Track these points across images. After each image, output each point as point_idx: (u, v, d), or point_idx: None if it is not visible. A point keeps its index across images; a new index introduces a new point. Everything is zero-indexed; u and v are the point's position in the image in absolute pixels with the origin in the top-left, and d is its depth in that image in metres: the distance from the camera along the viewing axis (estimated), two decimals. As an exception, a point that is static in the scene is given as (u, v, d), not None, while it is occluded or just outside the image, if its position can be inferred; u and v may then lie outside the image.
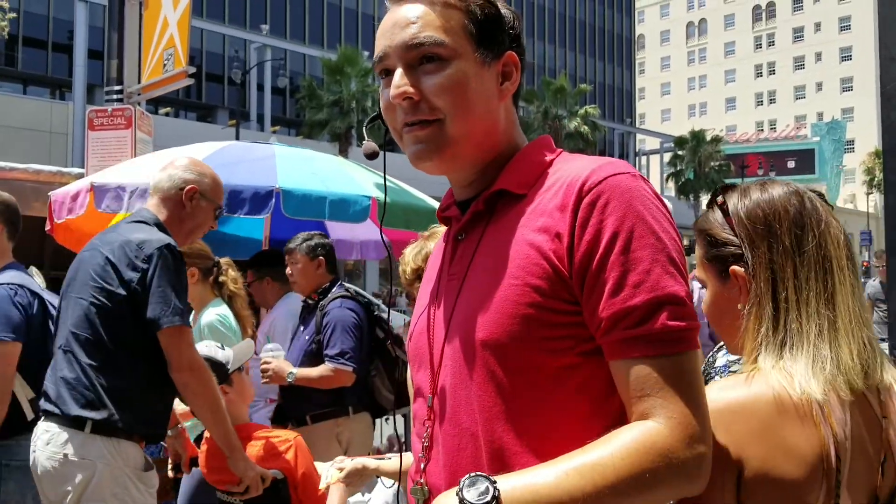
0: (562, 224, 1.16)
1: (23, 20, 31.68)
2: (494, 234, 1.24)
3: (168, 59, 6.23)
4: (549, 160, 1.29)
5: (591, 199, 1.15)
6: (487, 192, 1.27)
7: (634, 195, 1.15)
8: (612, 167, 1.18)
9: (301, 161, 5.15)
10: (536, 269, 1.16)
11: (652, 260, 1.12)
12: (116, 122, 6.26)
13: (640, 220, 1.13)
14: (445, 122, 1.23)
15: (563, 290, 1.15)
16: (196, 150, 5.17)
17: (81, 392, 2.56)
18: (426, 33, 1.22)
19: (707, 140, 48.18)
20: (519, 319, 1.15)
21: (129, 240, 2.63)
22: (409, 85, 1.23)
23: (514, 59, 1.31)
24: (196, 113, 39.55)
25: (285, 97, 40.64)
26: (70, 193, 4.86)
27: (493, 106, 1.28)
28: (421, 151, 1.25)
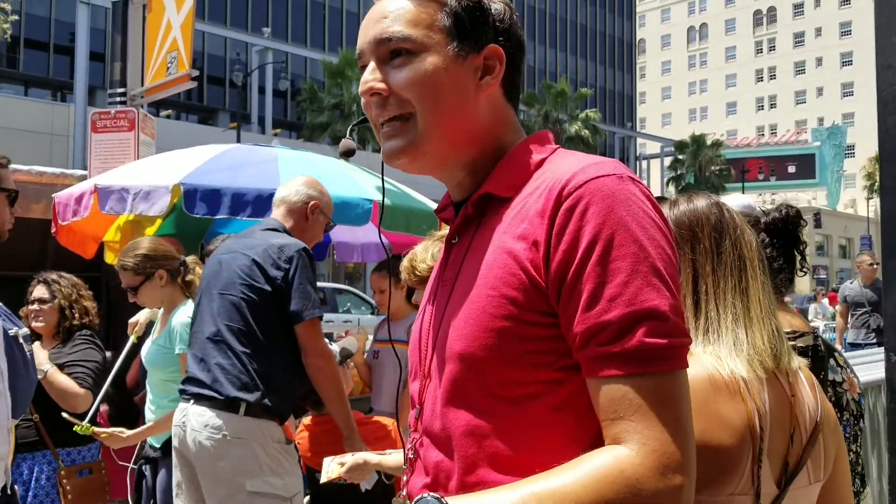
0: (540, 231, 1.09)
1: (24, 22, 31.76)
2: (482, 241, 1.18)
3: (171, 61, 6.24)
4: (541, 159, 1.21)
5: (570, 205, 1.07)
6: (476, 195, 1.22)
7: (618, 199, 1.06)
8: (597, 168, 1.10)
9: (303, 164, 5.16)
10: (513, 279, 1.09)
11: (631, 271, 1.03)
12: (119, 124, 6.28)
13: (621, 226, 1.04)
14: (416, 118, 1.19)
15: (541, 301, 1.08)
16: (200, 152, 5.19)
17: (237, 377, 2.89)
18: (395, 28, 1.19)
19: (708, 144, 48.24)
20: (495, 332, 1.09)
21: (272, 244, 3.02)
22: (379, 80, 1.20)
23: (498, 53, 1.23)
24: (197, 115, 39.60)
25: (286, 100, 40.69)
26: (74, 195, 4.87)
27: (469, 101, 1.22)
28: (392, 149, 1.21)
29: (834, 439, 1.60)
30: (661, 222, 1.09)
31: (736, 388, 1.44)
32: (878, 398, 3.52)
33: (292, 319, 2.96)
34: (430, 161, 1.23)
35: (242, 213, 4.56)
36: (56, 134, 27.99)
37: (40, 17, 35.68)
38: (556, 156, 1.22)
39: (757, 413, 1.45)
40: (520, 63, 1.28)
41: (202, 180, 4.59)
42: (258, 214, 4.60)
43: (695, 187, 47.54)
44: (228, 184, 4.58)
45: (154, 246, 3.66)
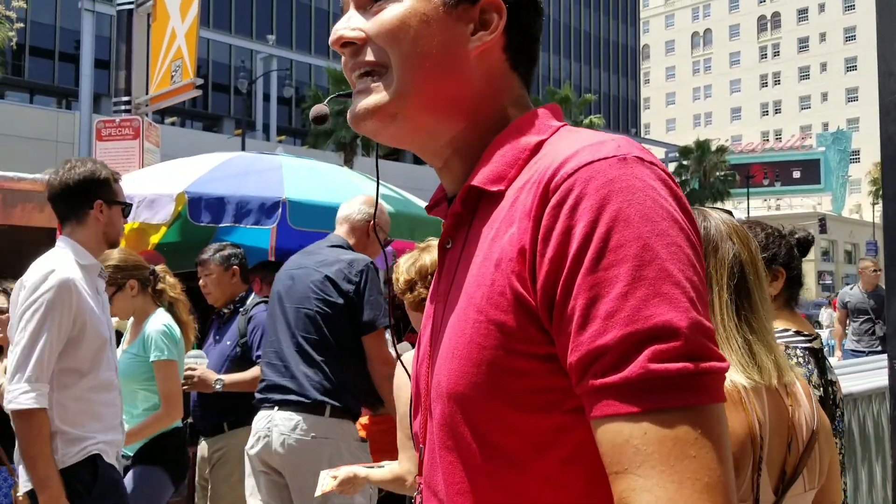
0: (526, 236, 0.85)
1: (30, 29, 31.90)
2: (473, 247, 0.95)
3: (176, 70, 6.27)
4: (538, 141, 0.97)
5: (558, 200, 0.83)
6: (463, 188, 0.98)
7: (617, 187, 0.81)
8: (592, 150, 0.85)
9: (307, 172, 5.18)
10: (501, 300, 0.86)
11: (632, 278, 0.78)
12: (124, 132, 6.30)
13: (620, 221, 0.80)
14: (391, 72, 0.98)
15: (532, 326, 0.85)
16: (204, 160, 5.22)
17: (320, 382, 3.16)
18: None
19: (712, 150, 48.21)
20: (484, 367, 0.86)
21: (341, 259, 3.27)
22: (353, 28, 1.00)
23: (495, 4, 1.00)
24: (202, 122, 39.73)
25: (291, 107, 40.79)
26: (78, 204, 4.89)
27: (458, 59, 0.99)
28: (360, 109, 1.00)
29: (828, 448, 1.64)
30: (681, 214, 0.83)
31: (737, 397, 1.44)
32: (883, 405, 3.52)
33: (364, 329, 3.23)
34: (405, 128, 1.01)
35: (246, 221, 4.58)
36: (61, 141, 28.12)
37: (45, 24, 35.84)
38: (558, 136, 0.97)
39: (757, 422, 1.47)
40: (531, 23, 1.04)
41: (206, 189, 4.61)
42: (262, 223, 4.62)
43: (699, 193, 47.53)
44: (233, 192, 4.60)
45: (124, 257, 3.65)
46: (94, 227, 2.91)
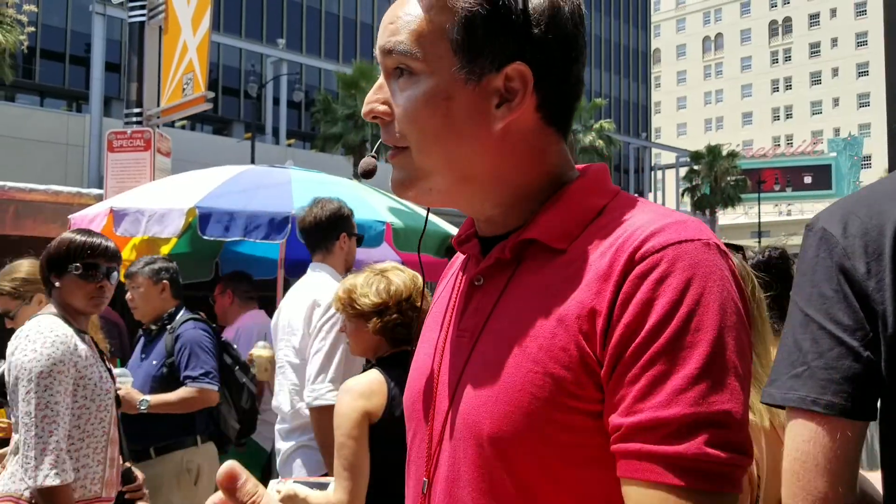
0: (600, 299, 0.88)
1: (40, 32, 32.09)
2: (520, 295, 0.97)
3: (188, 83, 6.29)
4: (600, 205, 0.99)
5: (644, 270, 0.86)
6: (517, 237, 0.99)
7: (702, 271, 0.86)
8: (679, 230, 0.89)
9: (316, 186, 5.17)
10: (563, 356, 0.89)
11: (704, 363, 0.83)
12: (136, 143, 6.33)
13: (702, 306, 0.84)
14: (411, 153, 0.99)
15: (591, 385, 0.88)
16: (214, 174, 5.23)
17: None
18: (398, 38, 0.97)
19: (723, 155, 48.08)
20: (536, 418, 0.89)
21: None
22: (381, 101, 1.01)
23: (522, 73, 0.96)
24: (212, 126, 39.87)
25: (301, 111, 40.88)
26: (89, 217, 4.92)
27: (483, 134, 0.97)
28: (396, 180, 1.03)
29: None
30: (744, 307, 0.89)
31: None
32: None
33: None
34: (441, 198, 1.03)
35: (255, 235, 4.58)
36: (71, 144, 28.25)
37: (56, 27, 36.02)
38: (620, 203, 0.99)
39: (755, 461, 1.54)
40: (566, 74, 1.00)
41: (217, 203, 4.61)
42: (271, 237, 4.62)
43: (710, 198, 47.42)
44: (243, 207, 4.60)
45: (33, 270, 3.46)
46: (339, 255, 3.58)
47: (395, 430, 2.15)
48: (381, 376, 2.45)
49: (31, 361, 2.55)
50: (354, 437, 2.33)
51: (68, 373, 2.61)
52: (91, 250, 2.78)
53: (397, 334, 2.57)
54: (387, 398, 2.38)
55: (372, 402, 2.38)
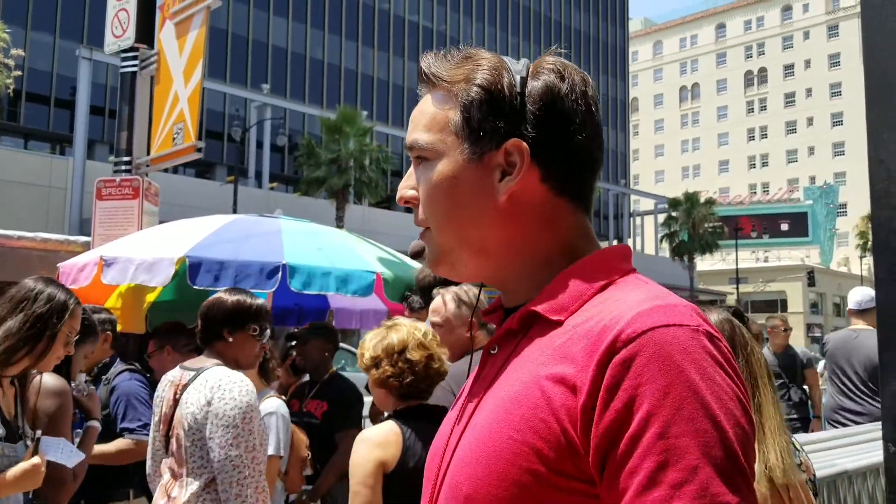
0: (583, 376, 0.89)
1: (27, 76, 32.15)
2: (516, 364, 1.00)
3: (178, 132, 6.35)
4: (605, 283, 1.01)
5: (625, 357, 0.86)
6: (524, 309, 1.03)
7: (685, 358, 0.86)
8: (661, 314, 0.90)
9: (306, 236, 5.22)
10: (542, 426, 0.90)
11: (702, 453, 0.82)
12: (124, 192, 6.35)
13: (690, 393, 0.84)
14: (432, 233, 1.10)
15: (571, 463, 0.88)
16: (205, 223, 5.26)
17: None
18: (414, 135, 1.10)
19: (701, 202, 48.56)
20: (510, 484, 0.90)
21: None
22: (409, 188, 1.12)
23: (518, 147, 1.03)
24: (195, 169, 39.89)
25: (284, 154, 41.01)
26: (78, 265, 4.93)
27: (490, 207, 1.05)
28: (428, 258, 1.14)
29: None
30: (742, 393, 0.88)
31: None
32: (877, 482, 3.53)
33: None
34: (467, 271, 1.10)
35: (245, 284, 4.60)
36: (54, 186, 28.12)
37: (42, 71, 36.11)
38: (626, 283, 1.01)
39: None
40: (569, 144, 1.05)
41: (207, 253, 4.64)
42: (261, 286, 4.65)
43: (688, 244, 47.79)
44: (233, 256, 4.63)
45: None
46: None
47: (408, 481, 2.33)
48: (397, 427, 2.55)
49: (234, 409, 2.77)
50: (369, 485, 2.41)
51: (258, 417, 2.88)
52: (265, 315, 3.13)
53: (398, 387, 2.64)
54: (402, 449, 2.48)
55: (387, 452, 2.47)
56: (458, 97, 1.06)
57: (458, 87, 1.06)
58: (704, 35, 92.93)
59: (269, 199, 31.50)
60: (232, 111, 37.58)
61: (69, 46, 35.05)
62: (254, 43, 43.07)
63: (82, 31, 36.39)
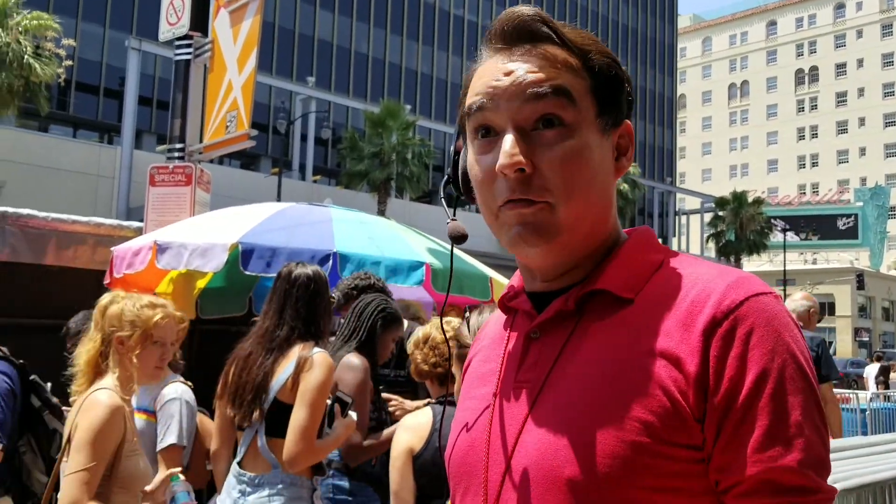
0: (685, 349, 0.92)
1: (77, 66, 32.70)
2: (588, 344, 0.99)
3: (231, 120, 6.37)
4: (658, 260, 1.04)
5: (730, 327, 0.91)
6: (582, 289, 1.01)
7: (781, 323, 0.93)
8: (749, 285, 0.95)
9: (357, 225, 5.21)
10: (651, 401, 0.91)
11: (805, 409, 0.90)
12: (177, 178, 6.40)
13: (791, 356, 0.92)
14: (556, 208, 0.98)
15: (682, 432, 0.91)
16: (256, 210, 5.27)
17: None
18: (553, 81, 0.98)
19: (749, 202, 47.86)
20: (621, 461, 0.90)
21: None
22: (522, 154, 0.97)
23: (630, 130, 1.06)
24: (240, 161, 40.30)
25: (327, 148, 41.26)
26: (132, 249, 4.96)
27: (609, 186, 1.04)
28: (527, 235, 0.99)
29: None
30: (807, 347, 0.97)
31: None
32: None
33: None
34: (564, 253, 1.03)
35: (296, 272, 4.60)
36: (102, 175, 28.64)
37: (92, 61, 36.73)
38: (676, 258, 1.05)
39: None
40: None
41: (259, 239, 4.65)
42: (312, 274, 4.64)
43: (735, 245, 47.15)
44: (285, 243, 4.64)
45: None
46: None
47: (434, 462, 2.56)
48: (430, 412, 2.76)
49: None
50: (396, 468, 2.63)
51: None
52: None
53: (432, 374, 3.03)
54: (429, 433, 2.67)
55: (415, 436, 2.67)
56: (593, 66, 1.01)
57: (594, 55, 1.02)
58: (755, 32, 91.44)
59: (312, 191, 31.68)
60: (277, 104, 37.88)
61: (118, 37, 35.61)
62: (300, 36, 43.37)
63: (131, 22, 36.94)
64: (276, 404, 2.94)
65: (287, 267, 3.28)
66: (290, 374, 2.92)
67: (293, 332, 3.03)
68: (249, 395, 2.98)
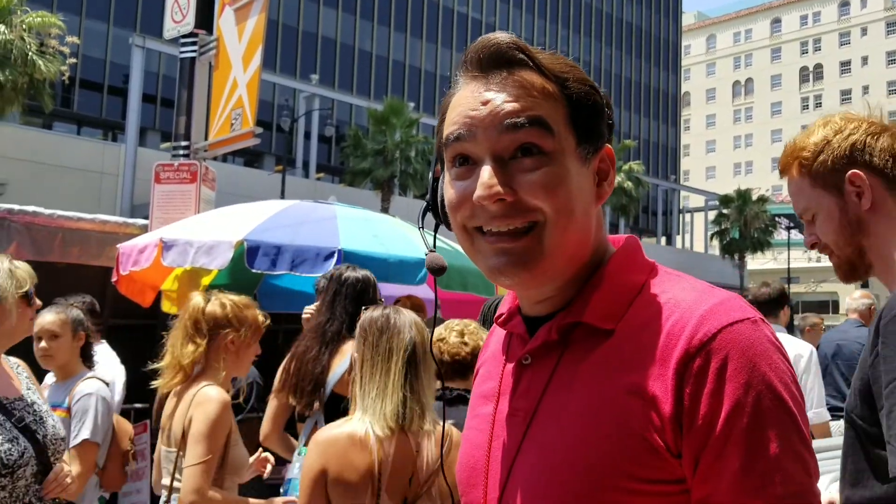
0: (660, 385, 0.92)
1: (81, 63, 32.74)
2: (571, 377, 1.00)
3: (236, 118, 6.39)
4: (640, 282, 1.03)
5: (702, 363, 0.90)
6: (563, 319, 1.02)
7: (757, 352, 0.91)
8: (725, 311, 0.94)
9: (362, 223, 5.22)
10: (627, 441, 0.92)
11: (782, 441, 0.89)
12: (182, 176, 6.43)
13: (767, 387, 0.90)
14: (544, 229, 0.97)
15: (660, 470, 0.91)
16: (261, 207, 5.29)
17: None
18: (530, 112, 0.97)
19: (753, 199, 47.76)
20: (602, 499, 0.92)
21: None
22: (503, 184, 0.96)
23: (611, 154, 1.05)
24: (244, 158, 40.35)
25: (331, 145, 41.29)
26: (138, 247, 4.98)
27: (591, 211, 1.02)
28: (506, 266, 0.98)
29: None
30: (790, 371, 0.95)
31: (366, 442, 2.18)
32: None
33: None
34: (545, 280, 1.02)
35: (301, 269, 4.62)
36: (106, 173, 28.63)
37: (96, 58, 36.77)
38: (659, 279, 1.04)
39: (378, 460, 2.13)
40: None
41: (264, 237, 4.66)
42: (317, 270, 4.65)
43: (739, 243, 47.07)
44: (290, 241, 4.65)
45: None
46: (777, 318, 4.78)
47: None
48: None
49: None
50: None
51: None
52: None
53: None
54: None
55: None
56: (571, 94, 1.01)
57: (572, 82, 1.01)
58: (759, 30, 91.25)
59: (316, 189, 31.70)
60: (281, 101, 37.92)
61: (122, 34, 35.66)
62: (304, 34, 43.40)
63: (135, 20, 37.00)
64: (332, 396, 3.29)
65: (338, 269, 3.63)
66: (346, 368, 3.20)
67: (342, 328, 3.38)
68: (309, 387, 3.31)
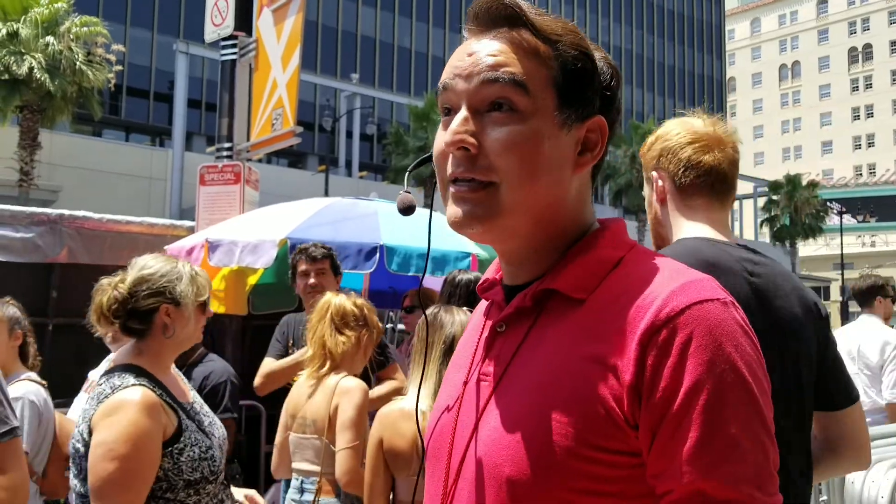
0: (621, 356, 0.92)
1: (127, 71, 33.36)
2: (540, 344, 1.00)
3: (277, 118, 6.46)
4: (617, 257, 1.03)
5: (667, 335, 0.90)
6: (538, 286, 1.02)
7: (724, 332, 0.90)
8: (696, 290, 0.93)
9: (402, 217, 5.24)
10: (586, 407, 0.92)
11: (741, 422, 0.89)
12: (226, 177, 6.52)
13: (731, 367, 0.89)
14: (500, 188, 0.98)
15: (616, 439, 0.91)
16: (303, 206, 5.34)
17: None
18: (507, 69, 0.98)
19: (803, 185, 46.81)
20: (558, 465, 0.92)
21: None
22: (471, 133, 0.99)
23: (602, 126, 1.04)
24: (287, 159, 40.74)
25: (373, 143, 41.50)
26: (185, 248, 5.07)
27: (565, 177, 1.02)
28: (464, 217, 1.00)
29: None
30: (758, 357, 0.94)
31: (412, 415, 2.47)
32: None
33: None
34: (505, 234, 1.03)
35: (345, 265, 4.66)
36: (154, 178, 29.13)
37: (141, 66, 37.42)
38: (637, 257, 1.04)
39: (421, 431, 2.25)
40: (614, 127, 1.08)
41: (307, 234, 4.71)
42: (360, 267, 4.70)
43: (790, 229, 46.21)
44: (332, 238, 4.69)
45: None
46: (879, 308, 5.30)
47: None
48: None
49: None
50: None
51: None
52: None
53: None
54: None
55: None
56: (560, 57, 1.01)
57: (564, 45, 1.02)
58: (805, 11, 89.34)
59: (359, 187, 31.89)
60: (322, 101, 38.18)
61: (167, 41, 36.24)
62: (343, 33, 43.64)
63: (179, 26, 37.57)
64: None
65: (452, 273, 3.86)
66: None
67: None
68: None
